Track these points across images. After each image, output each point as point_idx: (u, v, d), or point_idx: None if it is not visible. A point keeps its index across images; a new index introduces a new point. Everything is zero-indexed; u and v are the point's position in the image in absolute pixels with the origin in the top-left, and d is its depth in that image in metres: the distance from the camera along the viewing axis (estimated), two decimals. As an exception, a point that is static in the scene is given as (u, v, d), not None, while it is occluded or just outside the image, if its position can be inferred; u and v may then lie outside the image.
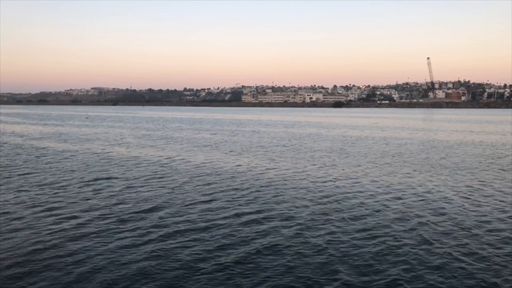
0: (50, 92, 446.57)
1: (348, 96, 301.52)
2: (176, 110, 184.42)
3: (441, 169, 21.91)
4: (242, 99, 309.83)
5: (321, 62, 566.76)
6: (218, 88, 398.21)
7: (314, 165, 23.45)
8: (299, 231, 11.21)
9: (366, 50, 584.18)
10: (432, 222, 12.06)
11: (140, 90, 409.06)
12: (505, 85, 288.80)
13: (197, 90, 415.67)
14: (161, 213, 12.82)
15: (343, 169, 21.87)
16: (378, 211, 13.34)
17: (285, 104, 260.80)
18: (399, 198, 15.11)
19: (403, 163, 24.29)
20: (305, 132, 49.51)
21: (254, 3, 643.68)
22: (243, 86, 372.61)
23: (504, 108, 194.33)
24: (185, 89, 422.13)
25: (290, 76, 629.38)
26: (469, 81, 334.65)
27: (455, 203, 14.38)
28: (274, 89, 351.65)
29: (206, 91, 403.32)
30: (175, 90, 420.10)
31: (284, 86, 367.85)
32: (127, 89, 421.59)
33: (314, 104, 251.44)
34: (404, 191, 16.30)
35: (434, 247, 10.08)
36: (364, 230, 11.38)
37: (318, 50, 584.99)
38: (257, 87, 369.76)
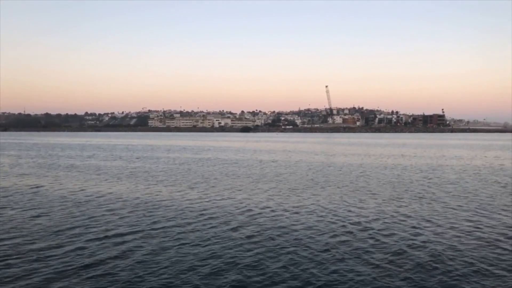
0: None
1: (255, 121, 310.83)
2: (71, 136, 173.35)
3: (322, 187, 24.13)
4: (149, 124, 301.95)
5: (229, 88, 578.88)
6: (123, 113, 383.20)
7: (232, 190, 24.20)
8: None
9: (272, 78, 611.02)
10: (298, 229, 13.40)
11: (36, 114, 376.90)
12: (392, 112, 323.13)
13: (99, 114, 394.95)
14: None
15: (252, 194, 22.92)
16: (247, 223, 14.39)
17: (194, 129, 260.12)
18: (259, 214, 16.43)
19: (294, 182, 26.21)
20: (203, 157, 50.30)
21: (157, 25, 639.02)
22: (149, 111, 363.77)
23: (392, 132, 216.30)
24: (86, 114, 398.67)
25: (199, 101, 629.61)
26: (363, 108, 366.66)
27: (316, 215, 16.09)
28: (183, 114, 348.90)
29: (110, 115, 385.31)
30: (75, 114, 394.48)
31: (192, 111, 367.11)
32: (19, 114, 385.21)
33: (223, 129, 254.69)
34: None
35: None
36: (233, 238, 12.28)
37: (226, 76, 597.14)
38: (164, 111, 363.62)
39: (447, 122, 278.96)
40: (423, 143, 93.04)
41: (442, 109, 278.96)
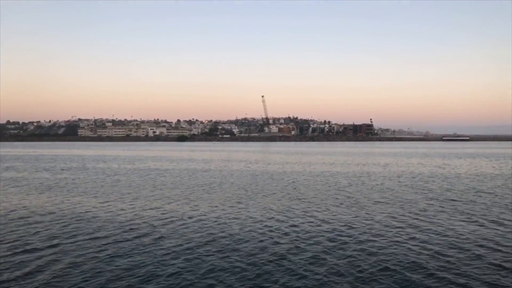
0: None
1: (192, 130, 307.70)
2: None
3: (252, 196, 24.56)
4: (79, 133, 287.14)
5: (165, 95, 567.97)
6: (50, 121, 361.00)
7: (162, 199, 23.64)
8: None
9: (209, 86, 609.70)
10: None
11: None
12: (325, 121, 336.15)
13: (24, 123, 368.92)
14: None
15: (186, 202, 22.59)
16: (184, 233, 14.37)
17: (127, 138, 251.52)
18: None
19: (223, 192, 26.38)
20: (135, 167, 48.99)
21: (83, 25, 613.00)
22: (79, 119, 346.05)
23: (324, 141, 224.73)
24: (8, 122, 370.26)
25: (133, 109, 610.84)
26: (297, 117, 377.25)
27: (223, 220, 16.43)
28: (115, 123, 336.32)
29: (36, 124, 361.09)
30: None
31: (126, 120, 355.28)
32: None
33: (158, 138, 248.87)
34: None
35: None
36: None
37: (160, 83, 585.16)
38: (95, 120, 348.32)
39: (375, 131, 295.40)
40: (352, 151, 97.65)
41: (371, 119, 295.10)
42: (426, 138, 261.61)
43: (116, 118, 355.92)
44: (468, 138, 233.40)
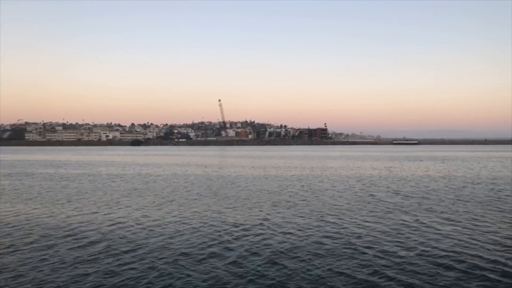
0: None
1: (147, 134, 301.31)
2: None
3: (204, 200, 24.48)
4: (26, 138, 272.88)
5: (118, 98, 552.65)
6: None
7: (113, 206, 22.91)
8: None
9: (164, 89, 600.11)
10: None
11: None
12: (281, 125, 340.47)
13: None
14: None
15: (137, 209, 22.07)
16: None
17: (78, 142, 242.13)
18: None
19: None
20: (83, 172, 47.41)
21: (40, 28, 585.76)
22: (26, 123, 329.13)
23: (281, 145, 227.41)
24: None
25: (84, 112, 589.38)
26: (254, 121, 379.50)
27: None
28: (66, 126, 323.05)
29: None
30: None
31: (77, 123, 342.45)
32: None
33: (111, 143, 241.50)
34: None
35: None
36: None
37: (114, 87, 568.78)
38: (44, 123, 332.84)
39: (329, 135, 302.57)
40: (307, 155, 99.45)
41: (325, 124, 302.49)
42: (377, 142, 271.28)
43: (67, 122, 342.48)
44: (416, 141, 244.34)
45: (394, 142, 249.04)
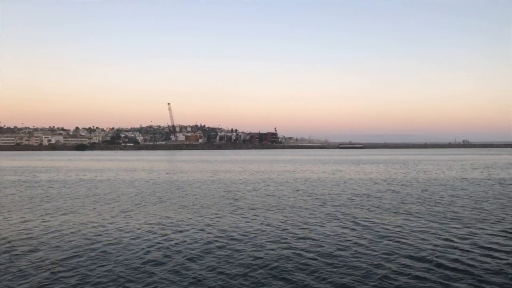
0: None
1: (92, 138, 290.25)
2: None
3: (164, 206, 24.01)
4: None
5: (61, 101, 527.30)
6: None
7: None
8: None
9: (111, 91, 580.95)
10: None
11: None
12: (232, 130, 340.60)
13: None
14: None
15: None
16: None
17: (17, 147, 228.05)
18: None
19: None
20: (17, 179, 44.89)
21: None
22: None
23: (232, 149, 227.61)
24: None
25: (24, 115, 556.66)
26: (205, 125, 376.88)
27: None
28: (3, 130, 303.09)
29: None
30: None
31: (16, 127, 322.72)
32: None
33: (53, 147, 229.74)
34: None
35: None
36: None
37: (57, 89, 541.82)
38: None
39: (279, 140, 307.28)
40: (257, 158, 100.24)
41: (275, 128, 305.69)
42: (325, 146, 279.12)
43: (4, 125, 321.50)
44: (361, 146, 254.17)
45: (340, 146, 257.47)
